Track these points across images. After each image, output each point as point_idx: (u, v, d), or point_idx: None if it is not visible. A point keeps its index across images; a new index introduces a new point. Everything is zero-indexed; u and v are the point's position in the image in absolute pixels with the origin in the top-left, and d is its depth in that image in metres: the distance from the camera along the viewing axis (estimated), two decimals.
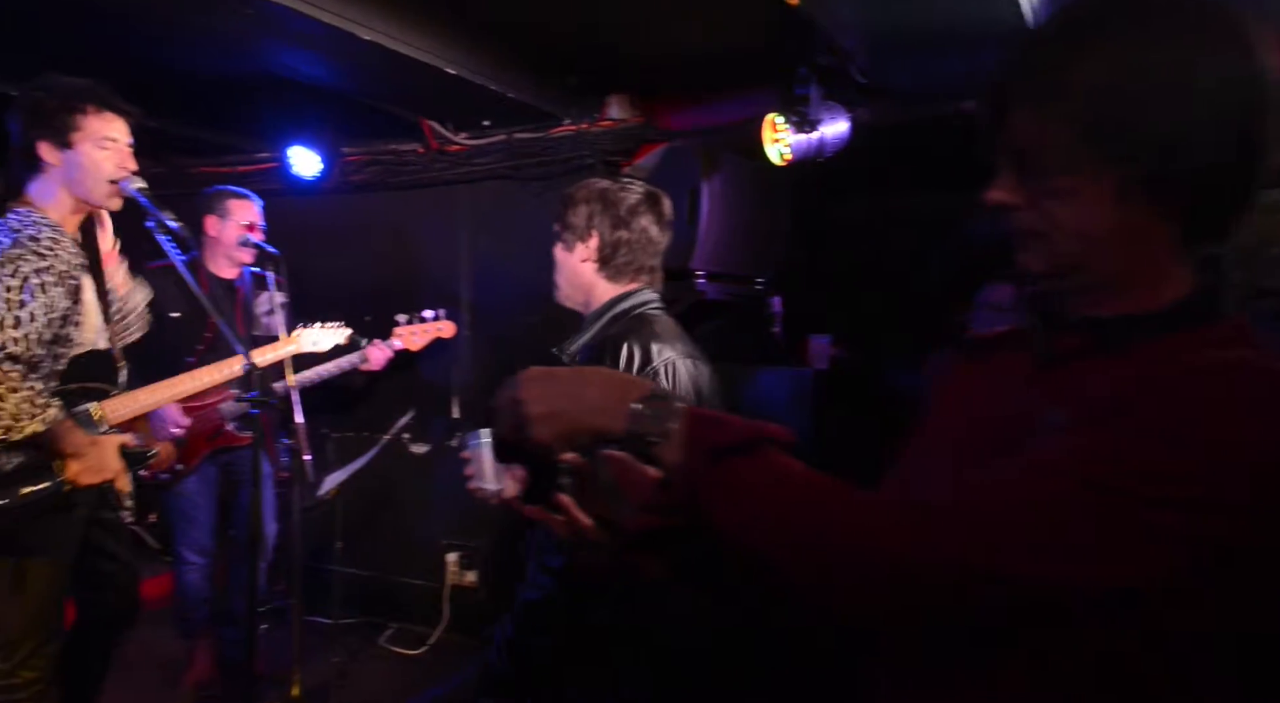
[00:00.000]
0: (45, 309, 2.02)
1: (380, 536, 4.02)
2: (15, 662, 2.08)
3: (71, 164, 2.14)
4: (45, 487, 2.04)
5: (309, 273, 3.50)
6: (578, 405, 0.90)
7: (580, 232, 1.85)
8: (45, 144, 2.13)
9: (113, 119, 2.19)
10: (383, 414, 4.01)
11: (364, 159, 4.10)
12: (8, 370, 1.96)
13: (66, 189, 2.16)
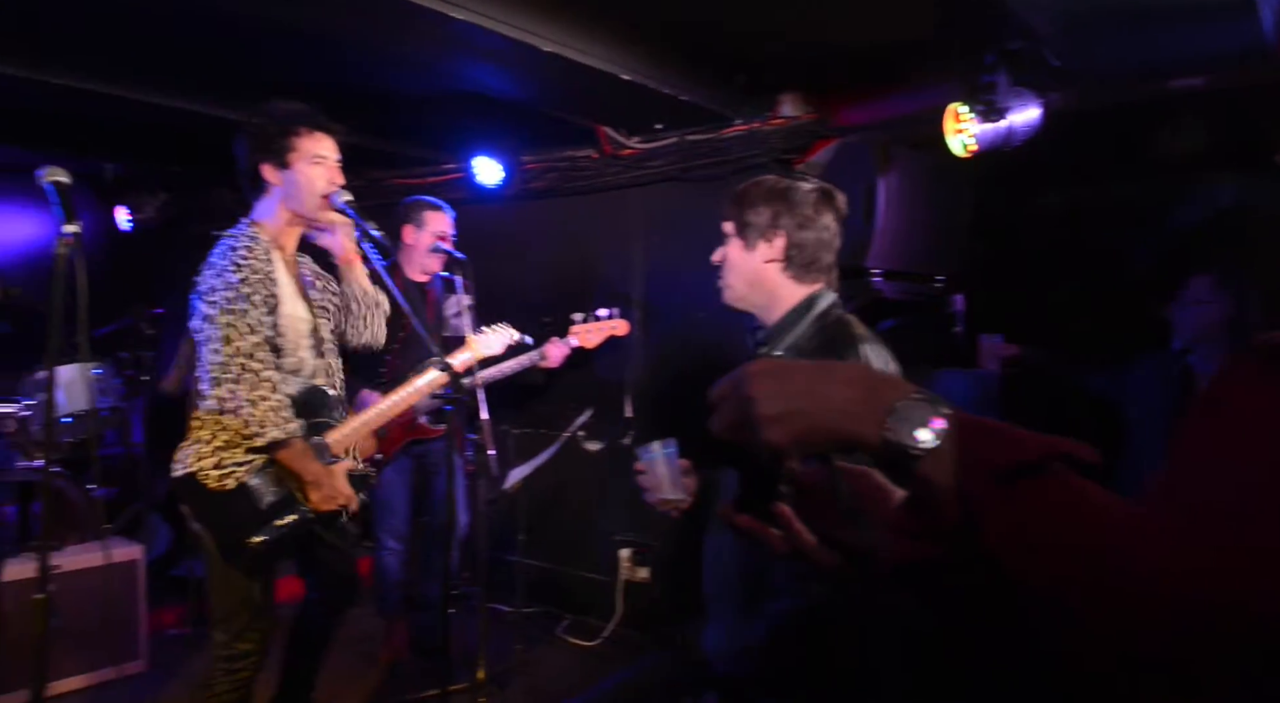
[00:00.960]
0: (262, 326, 2.24)
1: (557, 529, 4.17)
2: (232, 634, 2.31)
3: (289, 182, 2.35)
4: (295, 519, 2.29)
5: (492, 276, 3.67)
6: (821, 406, 0.76)
7: (763, 231, 1.81)
8: (267, 166, 2.35)
9: (322, 138, 2.39)
10: (559, 412, 4.14)
11: (542, 166, 4.25)
12: (262, 377, 2.18)
13: (285, 205, 2.38)
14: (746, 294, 1.88)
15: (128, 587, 3.51)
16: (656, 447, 1.81)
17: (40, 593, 1.89)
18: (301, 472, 2.27)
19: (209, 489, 2.22)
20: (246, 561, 2.26)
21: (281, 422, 2.21)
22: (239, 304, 2.20)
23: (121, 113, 3.74)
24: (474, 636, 3.36)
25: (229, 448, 2.25)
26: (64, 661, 3.21)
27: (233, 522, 2.25)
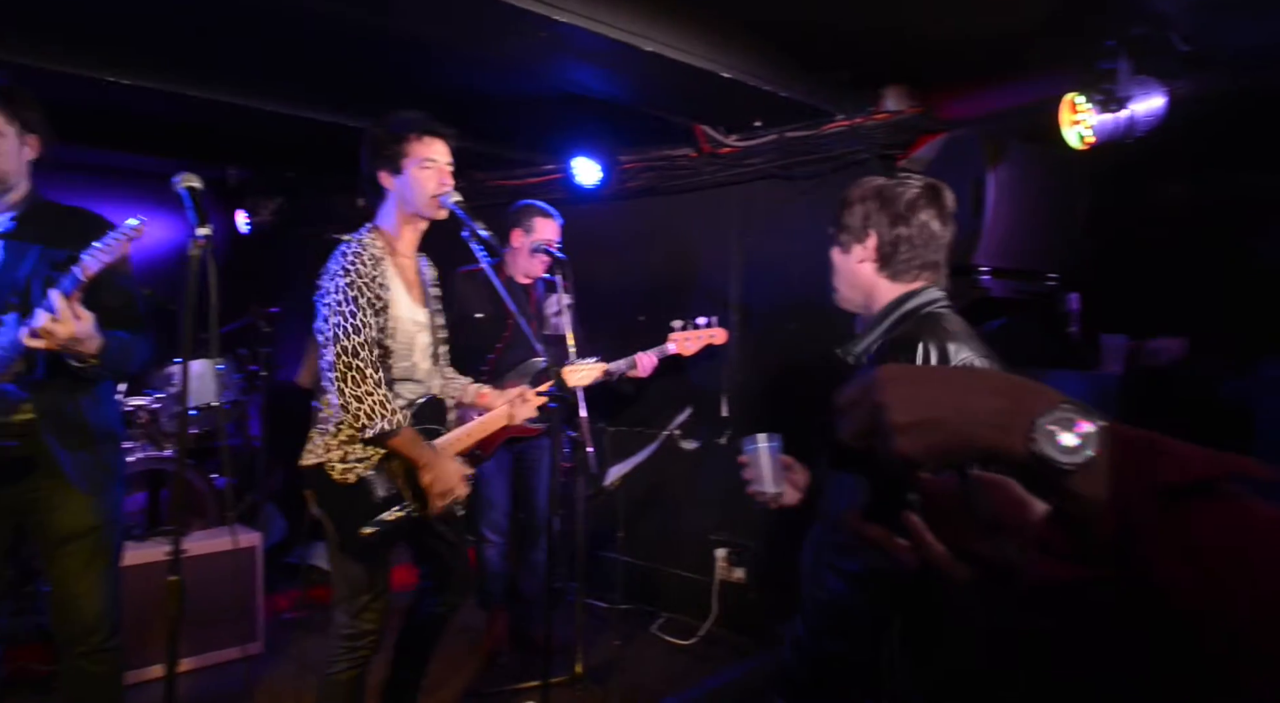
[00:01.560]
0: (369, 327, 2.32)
1: (653, 527, 4.19)
2: (351, 614, 2.41)
3: (402, 186, 2.43)
4: (401, 514, 2.38)
5: (590, 275, 3.72)
6: (960, 415, 0.72)
7: (857, 232, 1.80)
8: (383, 172, 2.44)
9: (433, 142, 2.46)
10: (655, 411, 4.17)
11: (639, 165, 4.28)
12: (367, 374, 2.28)
13: (400, 208, 2.46)
14: (849, 296, 1.87)
15: (247, 572, 3.70)
16: (761, 439, 1.83)
17: (173, 576, 1.99)
18: (414, 458, 2.35)
19: (333, 480, 2.34)
20: (360, 548, 2.36)
21: (388, 414, 2.29)
22: (347, 306, 2.31)
23: (245, 121, 3.94)
24: (571, 630, 3.41)
25: (351, 442, 2.35)
26: (189, 640, 3.40)
27: (349, 512, 2.35)
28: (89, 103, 3.74)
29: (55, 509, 2.27)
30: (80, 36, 3.11)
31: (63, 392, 2.25)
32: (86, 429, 2.30)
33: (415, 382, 2.50)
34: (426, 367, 2.55)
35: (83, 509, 2.29)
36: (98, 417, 2.34)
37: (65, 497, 2.27)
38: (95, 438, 2.32)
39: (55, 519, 2.28)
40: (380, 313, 2.35)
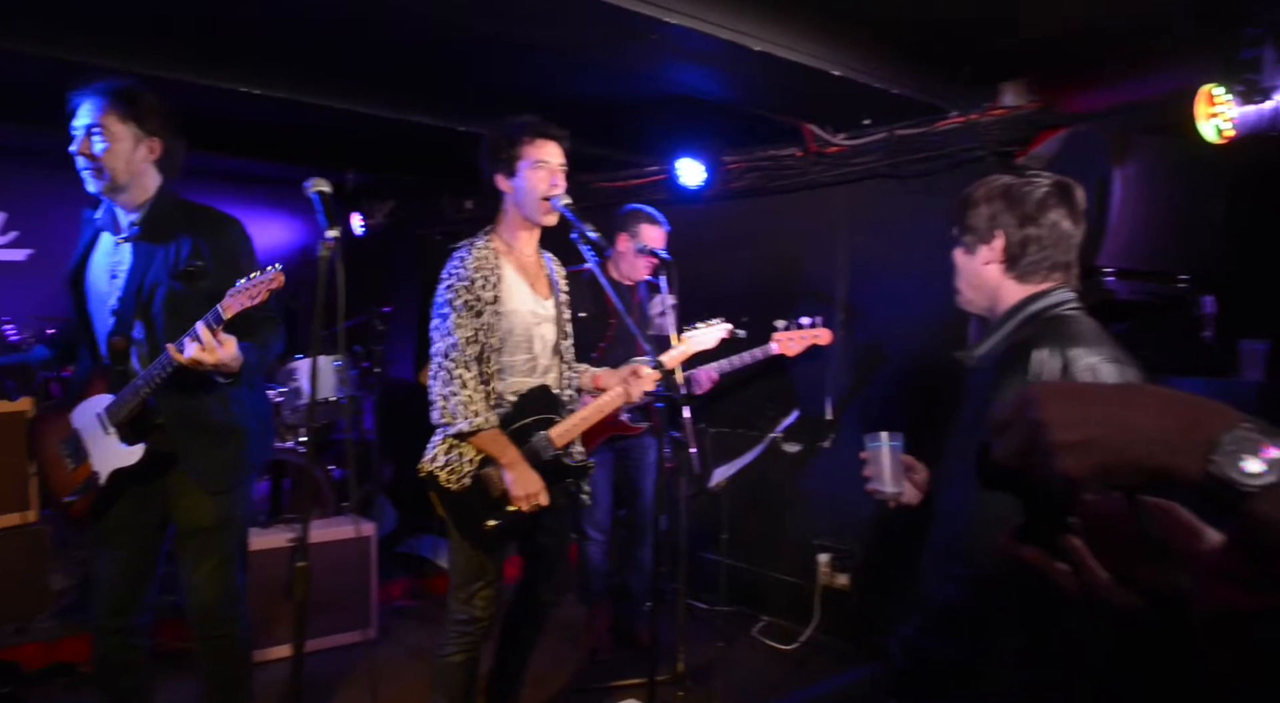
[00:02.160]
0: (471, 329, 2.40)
1: (755, 530, 4.16)
2: (464, 601, 2.50)
3: (516, 188, 2.50)
4: (515, 510, 2.46)
5: (693, 276, 3.72)
6: (1128, 435, 0.69)
7: (982, 233, 1.74)
8: (500, 176, 2.52)
9: (545, 144, 2.51)
10: (756, 412, 4.14)
11: (744, 166, 4.26)
12: (455, 374, 2.37)
13: (515, 210, 2.53)
14: (973, 298, 1.81)
15: (361, 560, 3.85)
16: (884, 437, 1.80)
17: (301, 562, 2.09)
18: (497, 457, 2.42)
19: (449, 486, 2.45)
20: (480, 539, 2.45)
21: (470, 415, 2.37)
22: (443, 309, 2.43)
23: (364, 128, 4.10)
24: (672, 630, 3.42)
25: (462, 447, 2.45)
26: (308, 623, 3.56)
27: (471, 508, 2.45)
28: (223, 113, 3.96)
29: (181, 505, 2.41)
30: (216, 52, 3.29)
31: (190, 395, 2.35)
32: (210, 430, 2.40)
33: (534, 375, 2.56)
34: (549, 360, 2.60)
35: (204, 508, 2.41)
36: (225, 415, 2.43)
37: (188, 494, 2.39)
38: (221, 438, 2.41)
39: (181, 514, 2.42)
40: (480, 314, 2.42)
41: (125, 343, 2.33)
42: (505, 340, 2.48)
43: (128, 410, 2.30)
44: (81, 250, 2.44)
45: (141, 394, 2.28)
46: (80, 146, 2.31)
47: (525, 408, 2.52)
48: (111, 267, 2.38)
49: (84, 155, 2.31)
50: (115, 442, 2.32)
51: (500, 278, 2.48)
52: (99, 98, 2.34)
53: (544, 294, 2.61)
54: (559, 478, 2.58)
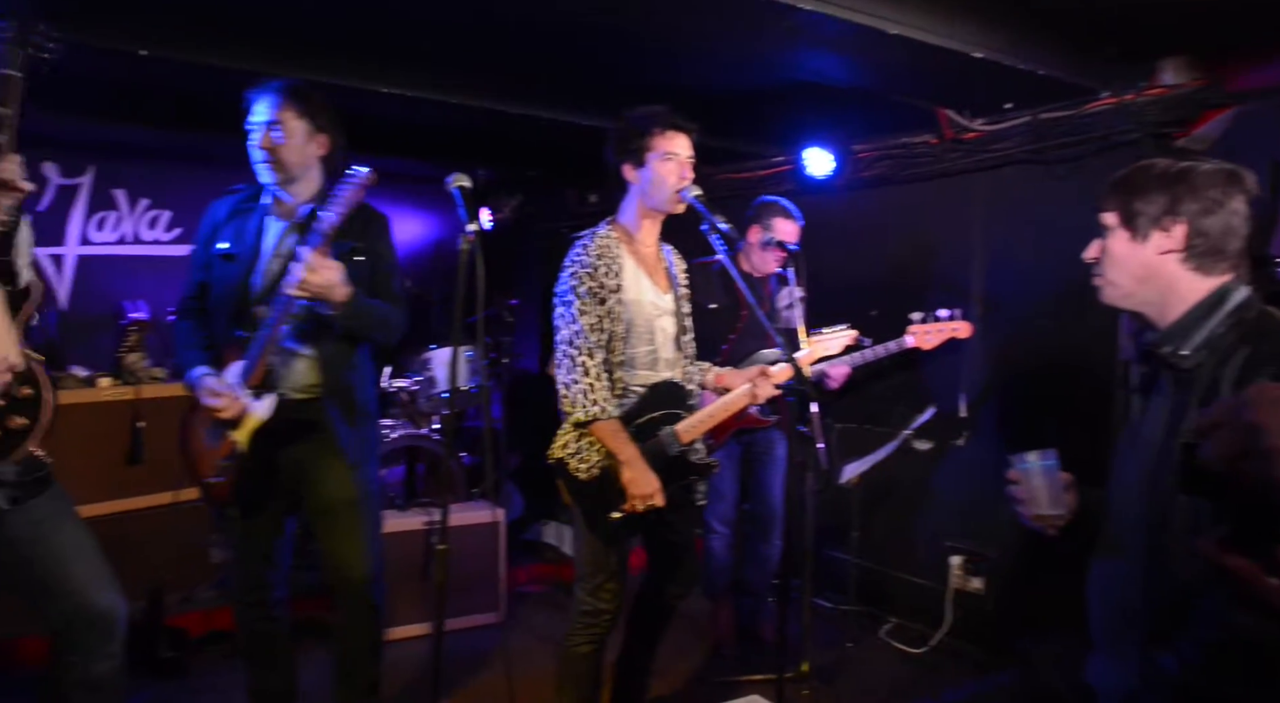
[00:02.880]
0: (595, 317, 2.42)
1: (883, 529, 4.04)
2: (590, 591, 2.52)
3: (645, 179, 2.50)
4: None
5: (822, 268, 3.64)
6: None
7: (1158, 219, 1.60)
8: (627, 166, 2.53)
9: (675, 136, 2.51)
10: (886, 408, 4.03)
11: (875, 154, 4.14)
12: (579, 362, 2.38)
13: (641, 202, 2.54)
14: (1135, 291, 1.66)
15: (490, 546, 3.97)
16: (1033, 457, 1.68)
17: (441, 545, 2.16)
18: (614, 450, 2.41)
19: (578, 476, 2.47)
20: (605, 530, 2.46)
21: (589, 404, 2.38)
22: (567, 297, 2.45)
23: (495, 125, 4.20)
24: (797, 628, 3.37)
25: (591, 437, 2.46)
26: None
27: (598, 498, 2.46)
28: (360, 112, 4.13)
29: (324, 478, 2.52)
30: (354, 55, 3.42)
31: (335, 369, 2.50)
32: (355, 405, 2.55)
33: (658, 368, 2.56)
34: (670, 354, 2.60)
35: (346, 480, 2.52)
36: (364, 396, 2.60)
37: (333, 466, 2.51)
38: (362, 414, 2.58)
39: (322, 488, 2.52)
40: (604, 302, 2.43)
41: (267, 312, 2.40)
42: (629, 331, 2.48)
43: (259, 370, 2.40)
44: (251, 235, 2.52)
45: (269, 349, 2.38)
46: (261, 140, 2.46)
47: (653, 401, 2.52)
48: (274, 245, 2.51)
49: (264, 149, 2.46)
50: (250, 401, 2.42)
51: (622, 267, 2.49)
52: (277, 95, 2.48)
53: (663, 287, 2.61)
54: (682, 475, 2.57)
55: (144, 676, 3.32)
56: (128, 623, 2.13)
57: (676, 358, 2.62)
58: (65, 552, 2.05)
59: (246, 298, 2.47)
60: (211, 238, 2.56)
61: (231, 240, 2.53)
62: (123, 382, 3.86)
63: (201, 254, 2.59)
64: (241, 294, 2.47)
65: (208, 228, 2.59)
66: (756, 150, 4.68)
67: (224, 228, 2.56)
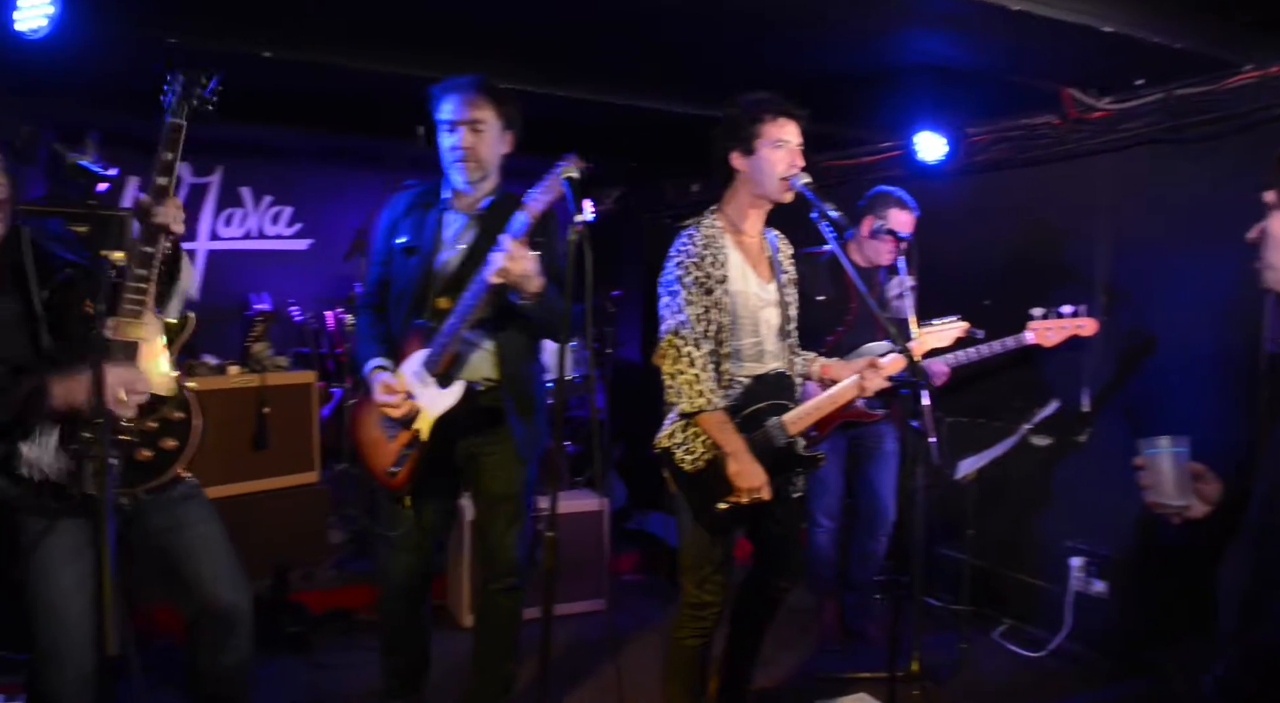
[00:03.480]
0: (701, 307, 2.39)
1: (998, 527, 3.89)
2: (696, 583, 2.51)
3: (753, 167, 2.46)
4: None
5: (933, 256, 3.53)
6: None
7: None
8: (735, 153, 2.48)
9: (785, 123, 2.45)
10: (1000, 402, 3.87)
11: (991, 137, 3.98)
12: (684, 352, 2.37)
13: (748, 190, 2.49)
14: None
15: (593, 534, 4.01)
16: (1164, 443, 1.61)
17: (550, 532, 2.19)
18: (720, 442, 2.37)
19: (681, 468, 2.45)
20: (711, 522, 2.44)
21: (695, 395, 2.35)
22: (673, 287, 2.42)
23: (598, 116, 4.22)
24: (905, 626, 3.28)
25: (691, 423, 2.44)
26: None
27: (703, 490, 2.44)
28: None
29: (493, 469, 2.57)
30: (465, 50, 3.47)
31: (518, 361, 2.54)
32: (530, 399, 2.59)
33: (763, 360, 2.52)
34: (776, 345, 2.55)
35: (515, 475, 2.57)
36: (538, 388, 2.64)
37: (504, 459, 2.55)
38: (534, 409, 2.60)
39: (490, 479, 2.58)
40: (710, 292, 2.40)
41: (450, 303, 2.43)
42: (735, 323, 2.45)
43: (446, 358, 2.44)
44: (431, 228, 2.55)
45: (457, 337, 2.41)
46: (463, 140, 2.47)
47: (759, 393, 2.48)
48: (454, 237, 2.55)
49: (464, 147, 2.47)
50: (435, 389, 2.45)
51: (727, 258, 2.45)
52: (474, 91, 2.48)
53: (765, 277, 2.56)
54: (789, 467, 2.52)
55: (269, 649, 3.49)
56: (254, 604, 2.23)
57: (781, 349, 2.58)
58: (195, 546, 2.16)
59: (428, 289, 2.50)
60: (391, 232, 2.60)
61: (411, 234, 2.55)
62: (249, 370, 4.06)
63: (382, 248, 2.63)
64: (423, 286, 2.51)
65: (386, 222, 2.63)
66: (863, 136, 4.56)
67: (402, 222, 2.59)
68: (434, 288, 2.50)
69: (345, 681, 3.25)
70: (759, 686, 2.98)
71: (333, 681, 3.28)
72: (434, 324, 2.46)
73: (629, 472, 5.08)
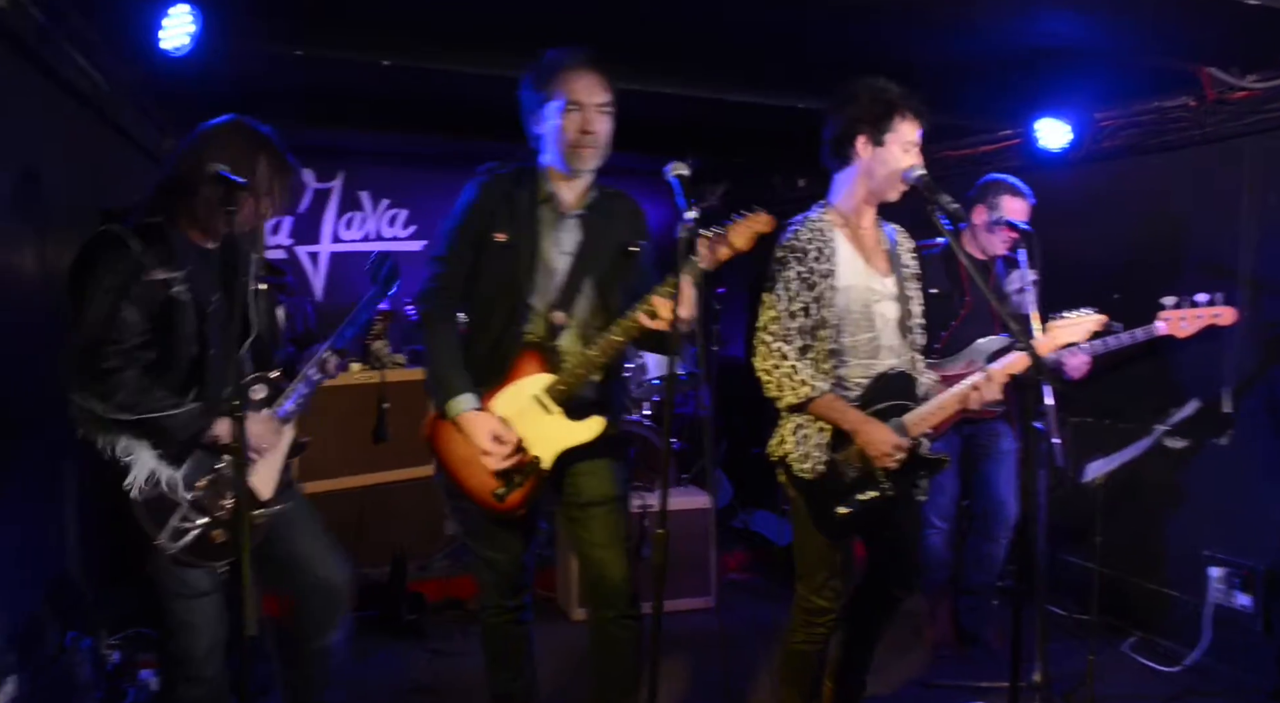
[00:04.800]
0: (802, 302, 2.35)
1: (1127, 534, 3.67)
2: (811, 589, 2.46)
3: (877, 160, 2.38)
4: (875, 495, 2.37)
5: (1055, 248, 3.35)
6: None
7: None
8: (863, 138, 2.38)
9: (915, 123, 2.38)
10: (1129, 401, 3.67)
11: (1120, 122, 3.77)
12: (776, 347, 2.33)
13: (864, 181, 2.42)
14: None
15: (701, 531, 4.00)
16: None
17: (660, 529, 2.18)
18: (838, 423, 2.32)
19: (799, 475, 2.41)
20: (830, 528, 2.39)
21: (796, 385, 2.30)
22: (769, 282, 2.39)
23: (704, 112, 4.21)
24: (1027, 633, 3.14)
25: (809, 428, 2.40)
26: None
27: (822, 494, 2.39)
28: None
29: (587, 472, 2.34)
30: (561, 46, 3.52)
31: (618, 366, 2.44)
32: (624, 402, 2.51)
33: (880, 356, 2.44)
34: (894, 340, 2.47)
35: (609, 477, 2.36)
36: (624, 388, 2.56)
37: (597, 461, 2.34)
38: (627, 409, 2.57)
39: (585, 482, 2.35)
40: (813, 287, 2.35)
41: (564, 319, 2.29)
42: (844, 319, 2.38)
43: (577, 386, 2.26)
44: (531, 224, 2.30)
45: (595, 368, 2.24)
46: (595, 123, 2.24)
47: (876, 393, 2.41)
48: (557, 240, 2.32)
49: (597, 132, 2.24)
50: (562, 420, 2.26)
51: (835, 251, 2.39)
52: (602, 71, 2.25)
53: (883, 270, 2.48)
54: (912, 470, 2.44)
55: (388, 636, 3.63)
56: (367, 587, 2.33)
57: (902, 345, 2.49)
58: (294, 529, 2.29)
59: (526, 293, 2.28)
60: (477, 222, 2.30)
61: (508, 228, 2.28)
62: (369, 366, 4.23)
63: (471, 233, 2.30)
64: (522, 290, 2.28)
65: (471, 211, 2.31)
66: (979, 124, 4.39)
67: (497, 211, 2.29)
68: (540, 295, 2.29)
69: (461, 668, 3.34)
70: (872, 692, 2.91)
71: (449, 667, 3.39)
72: (547, 342, 2.29)
73: (733, 469, 5.06)
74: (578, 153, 2.24)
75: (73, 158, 2.93)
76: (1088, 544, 3.47)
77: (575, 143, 2.23)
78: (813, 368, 2.35)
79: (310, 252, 5.16)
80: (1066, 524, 3.66)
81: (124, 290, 2.01)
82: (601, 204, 2.37)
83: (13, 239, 2.45)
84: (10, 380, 2.36)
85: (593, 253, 2.33)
